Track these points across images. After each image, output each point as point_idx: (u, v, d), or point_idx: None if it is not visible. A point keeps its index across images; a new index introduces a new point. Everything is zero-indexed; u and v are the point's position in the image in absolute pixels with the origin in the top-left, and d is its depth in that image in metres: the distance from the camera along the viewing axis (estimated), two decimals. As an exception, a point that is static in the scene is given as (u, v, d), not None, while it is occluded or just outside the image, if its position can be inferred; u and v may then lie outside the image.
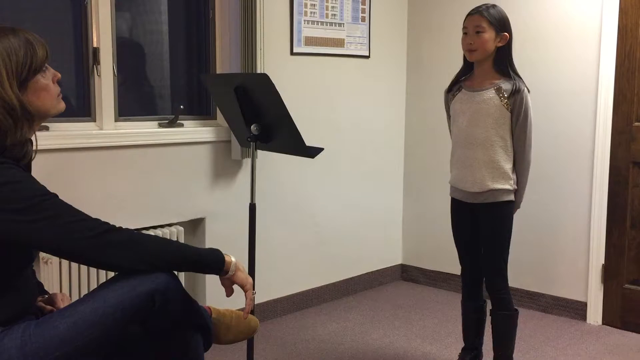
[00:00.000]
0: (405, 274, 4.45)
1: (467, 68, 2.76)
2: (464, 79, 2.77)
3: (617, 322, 3.57)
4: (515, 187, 2.70)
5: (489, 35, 2.61)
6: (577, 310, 3.69)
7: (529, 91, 2.66)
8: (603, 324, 3.61)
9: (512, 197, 2.69)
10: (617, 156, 3.51)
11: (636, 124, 3.45)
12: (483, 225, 2.74)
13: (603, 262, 3.59)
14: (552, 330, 3.52)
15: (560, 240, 3.72)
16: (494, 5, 2.67)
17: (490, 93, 2.64)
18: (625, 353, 3.25)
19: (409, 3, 4.29)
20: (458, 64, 2.82)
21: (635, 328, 3.51)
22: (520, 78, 2.67)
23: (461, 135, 2.73)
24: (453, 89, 2.79)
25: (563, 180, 3.68)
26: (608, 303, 3.60)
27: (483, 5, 2.66)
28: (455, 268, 4.12)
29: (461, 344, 2.99)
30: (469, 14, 2.67)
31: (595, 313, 3.62)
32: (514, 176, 2.69)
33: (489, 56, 2.65)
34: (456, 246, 2.89)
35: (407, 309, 3.89)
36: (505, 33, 2.63)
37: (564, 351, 3.26)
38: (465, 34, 2.67)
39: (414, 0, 4.26)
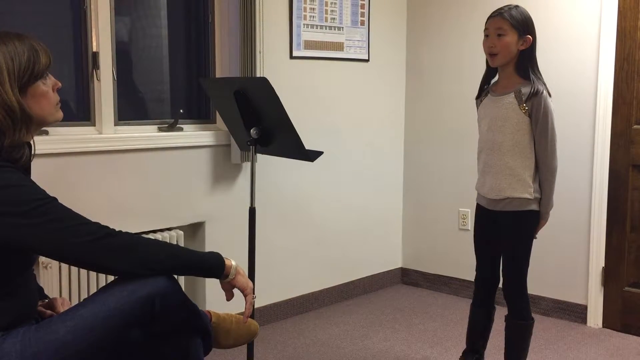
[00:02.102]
0: (406, 277, 4.45)
1: (491, 72, 2.69)
2: (491, 84, 2.70)
3: (617, 325, 3.57)
4: (537, 195, 2.60)
5: (511, 38, 2.52)
6: (577, 313, 3.69)
7: (549, 94, 2.56)
8: (603, 326, 3.61)
9: (533, 207, 2.60)
10: (617, 159, 3.51)
11: (635, 126, 3.46)
12: (503, 234, 2.69)
13: (603, 265, 3.59)
14: (552, 334, 3.52)
15: (560, 243, 3.72)
16: (516, 6, 2.57)
17: (510, 98, 2.57)
18: (625, 356, 3.24)
19: (408, 7, 4.30)
20: (457, 68, 2.81)
21: (635, 331, 3.51)
22: (542, 81, 2.58)
23: (482, 141, 2.69)
24: (481, 95, 2.73)
25: (563, 183, 3.67)
26: (608, 306, 3.60)
27: (505, 6, 2.57)
28: (455, 271, 4.15)
29: (461, 347, 2.98)
30: (491, 16, 2.58)
31: (595, 316, 3.62)
32: (535, 185, 2.60)
33: (512, 60, 2.56)
34: (475, 252, 2.84)
35: (407, 312, 3.89)
36: (529, 36, 2.54)
37: (565, 354, 3.25)
38: (486, 36, 2.58)
39: (413, 4, 4.27)
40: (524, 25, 2.54)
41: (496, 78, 2.71)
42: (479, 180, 2.75)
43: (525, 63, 2.57)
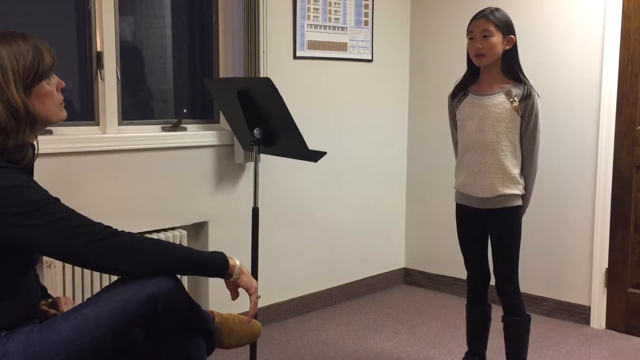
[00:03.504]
0: (408, 277, 4.45)
1: (473, 73, 2.72)
2: (469, 84, 2.73)
3: (620, 327, 3.56)
4: (524, 191, 2.67)
5: (497, 38, 2.58)
6: (580, 314, 3.68)
7: (538, 96, 2.63)
8: (606, 328, 3.60)
9: (520, 202, 2.67)
10: (620, 160, 3.50)
11: (639, 127, 3.45)
12: (493, 231, 2.72)
13: (606, 266, 3.59)
14: (555, 335, 3.52)
15: (564, 244, 3.72)
16: (497, 9, 2.64)
17: (500, 97, 2.61)
18: (628, 357, 3.24)
19: (411, 7, 4.30)
20: (461, 68, 2.81)
21: (638, 332, 3.50)
22: (529, 81, 2.64)
23: (470, 140, 2.69)
24: (458, 94, 2.76)
25: (566, 185, 3.68)
26: (611, 307, 3.59)
27: (487, 8, 2.63)
28: (458, 272, 4.14)
29: (464, 349, 2.99)
30: (474, 18, 2.63)
31: (598, 317, 3.62)
32: (522, 181, 2.66)
33: (497, 60, 2.62)
34: (462, 251, 2.86)
35: (410, 313, 3.89)
36: (512, 36, 2.61)
37: (568, 356, 3.25)
38: (471, 38, 2.63)
39: (416, 4, 4.27)
40: (507, 26, 2.61)
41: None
42: (464, 180, 2.75)
43: (512, 63, 2.64)
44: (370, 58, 4.04)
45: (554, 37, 3.68)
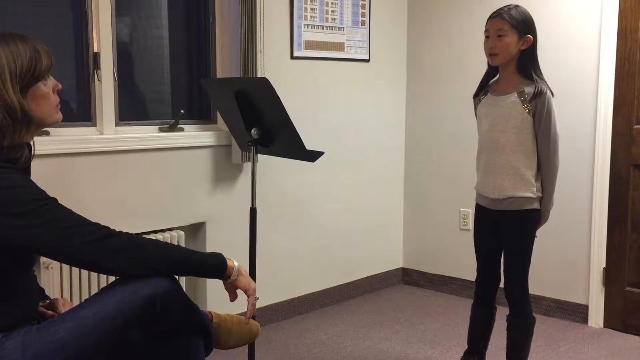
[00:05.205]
0: (407, 277, 4.45)
1: (492, 72, 2.69)
2: (491, 83, 2.70)
3: (618, 325, 3.56)
4: (539, 194, 2.62)
5: (511, 38, 2.53)
6: (578, 313, 3.69)
7: (552, 94, 2.58)
8: (604, 327, 3.61)
9: (535, 205, 2.62)
10: (618, 159, 3.51)
11: (636, 126, 3.45)
12: (504, 233, 2.69)
13: (604, 265, 3.59)
14: (553, 334, 3.52)
15: (561, 243, 3.72)
16: (516, 6, 2.58)
17: (513, 97, 2.58)
18: (626, 356, 3.24)
19: (408, 7, 4.30)
20: (458, 67, 2.81)
21: (636, 331, 3.51)
22: (544, 81, 2.59)
23: (484, 140, 2.68)
24: (480, 93, 2.73)
25: (564, 183, 3.66)
26: (609, 306, 3.60)
27: (505, 6, 2.58)
28: (456, 271, 4.15)
29: (462, 348, 2.98)
30: (491, 17, 2.59)
31: (596, 316, 3.62)
32: (537, 184, 2.61)
33: (512, 60, 2.57)
34: (475, 252, 2.83)
35: (408, 312, 3.89)
36: (529, 35, 2.55)
37: (566, 354, 3.25)
38: (487, 37, 2.59)
39: (413, 4, 4.27)
40: (524, 25, 2.55)
41: (495, 77, 2.71)
42: (480, 180, 2.74)
43: (526, 63, 2.58)
44: (367, 58, 4.04)
45: (551, 36, 3.67)
